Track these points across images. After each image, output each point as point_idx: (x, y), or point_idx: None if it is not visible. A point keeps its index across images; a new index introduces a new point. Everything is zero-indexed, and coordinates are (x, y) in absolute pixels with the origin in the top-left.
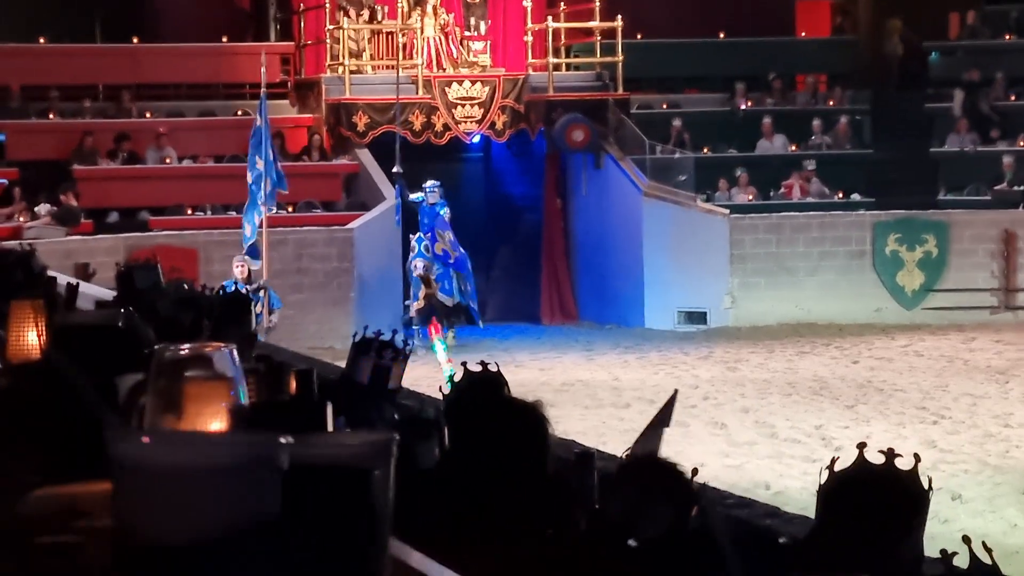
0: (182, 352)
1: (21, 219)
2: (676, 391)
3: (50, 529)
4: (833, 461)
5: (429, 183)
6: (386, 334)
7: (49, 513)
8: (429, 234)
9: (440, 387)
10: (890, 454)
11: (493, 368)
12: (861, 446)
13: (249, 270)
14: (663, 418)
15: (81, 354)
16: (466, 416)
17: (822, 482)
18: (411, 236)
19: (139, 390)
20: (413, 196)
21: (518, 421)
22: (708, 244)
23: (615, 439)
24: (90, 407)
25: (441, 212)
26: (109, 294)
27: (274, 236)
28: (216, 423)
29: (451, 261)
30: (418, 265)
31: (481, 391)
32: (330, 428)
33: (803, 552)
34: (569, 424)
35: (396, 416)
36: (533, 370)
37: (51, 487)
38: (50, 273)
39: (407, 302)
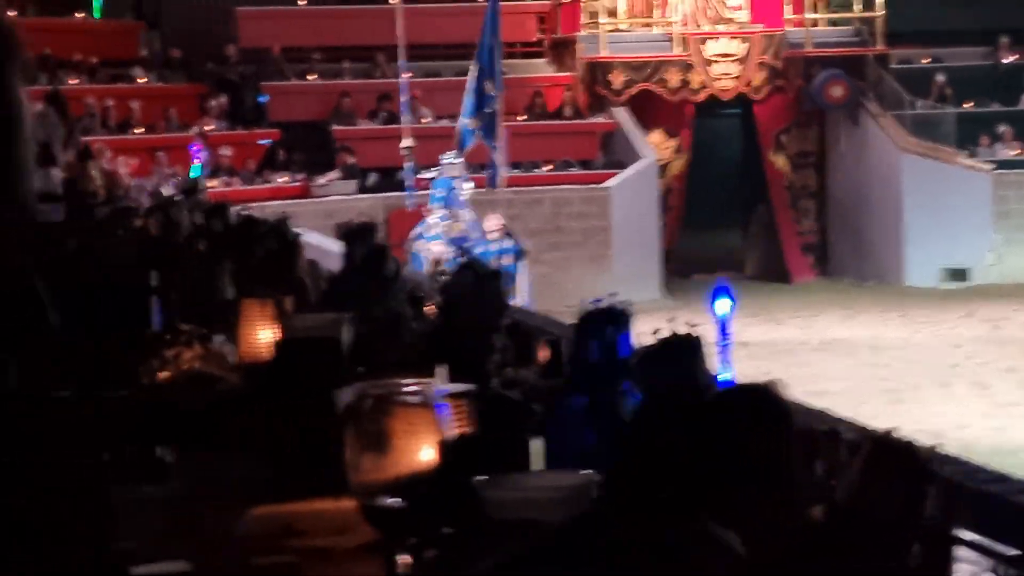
0: (385, 387)
1: (281, 180)
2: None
3: (267, 549)
4: None
5: (448, 154)
6: (604, 299)
7: (266, 532)
8: (444, 211)
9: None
10: None
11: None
12: None
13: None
14: None
15: (301, 365)
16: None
17: None
18: (425, 213)
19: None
20: (428, 174)
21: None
22: (970, 200)
23: (874, 399)
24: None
25: (456, 188)
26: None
27: (531, 195)
28: (421, 458)
29: (467, 245)
30: (432, 249)
31: (673, 353)
32: (533, 464)
33: None
34: (828, 384)
35: (633, 396)
36: (792, 328)
37: (269, 505)
38: (307, 237)
39: None
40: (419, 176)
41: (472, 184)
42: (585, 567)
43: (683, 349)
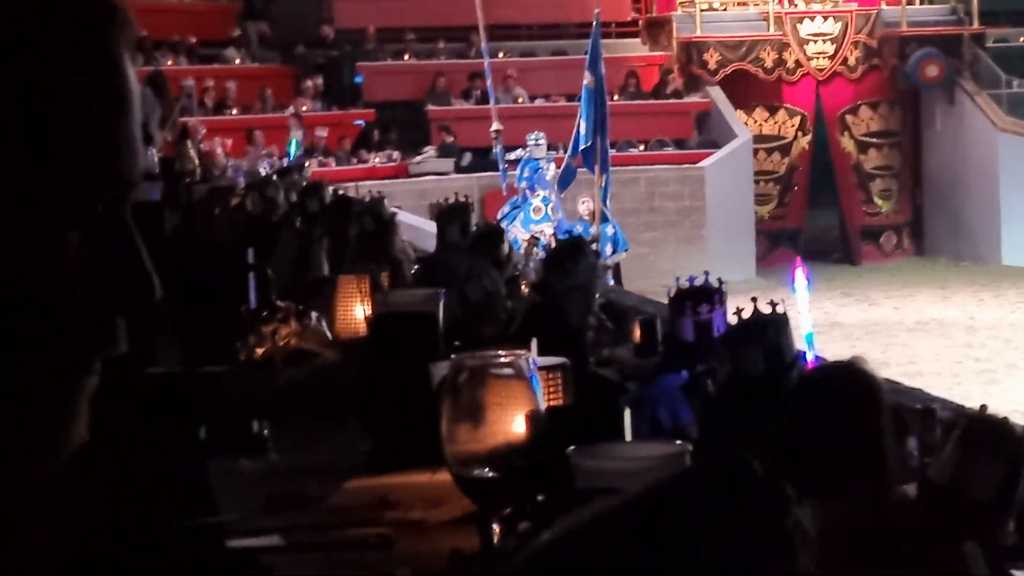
0: (480, 359)
1: (376, 159)
2: None
3: (361, 521)
4: None
5: (533, 134)
6: (698, 278)
7: (360, 505)
8: (540, 193)
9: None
10: None
11: (780, 309)
12: None
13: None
14: None
15: (398, 340)
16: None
17: None
18: (529, 195)
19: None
20: (512, 154)
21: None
22: None
23: (969, 379)
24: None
25: (543, 167)
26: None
27: (625, 174)
28: (515, 430)
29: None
30: (546, 232)
31: (759, 330)
32: (627, 435)
33: None
34: (923, 364)
35: (727, 371)
36: (887, 308)
37: (363, 478)
38: (402, 217)
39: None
40: (508, 158)
41: (555, 166)
42: (667, 530)
43: (769, 326)
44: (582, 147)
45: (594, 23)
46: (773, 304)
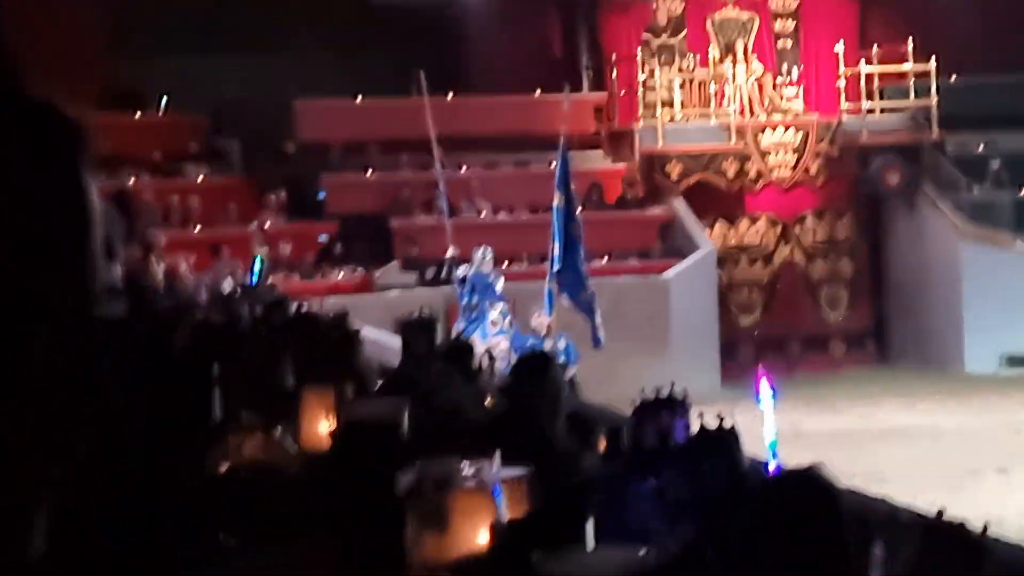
0: (445, 469)
1: (340, 274)
2: None
3: None
4: None
5: (479, 249)
6: (664, 389)
7: None
8: (498, 306)
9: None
10: None
11: (727, 424)
12: None
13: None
14: None
15: (363, 449)
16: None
17: None
18: (488, 307)
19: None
20: (461, 270)
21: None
22: None
23: (935, 486)
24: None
25: (492, 282)
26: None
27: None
28: (479, 538)
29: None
30: (502, 346)
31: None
32: (590, 543)
33: None
34: (888, 472)
35: (685, 483)
36: (852, 416)
37: None
38: (367, 331)
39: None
40: (457, 274)
41: (503, 278)
42: None
43: (719, 443)
44: (555, 269)
45: (561, 143)
46: (720, 419)
